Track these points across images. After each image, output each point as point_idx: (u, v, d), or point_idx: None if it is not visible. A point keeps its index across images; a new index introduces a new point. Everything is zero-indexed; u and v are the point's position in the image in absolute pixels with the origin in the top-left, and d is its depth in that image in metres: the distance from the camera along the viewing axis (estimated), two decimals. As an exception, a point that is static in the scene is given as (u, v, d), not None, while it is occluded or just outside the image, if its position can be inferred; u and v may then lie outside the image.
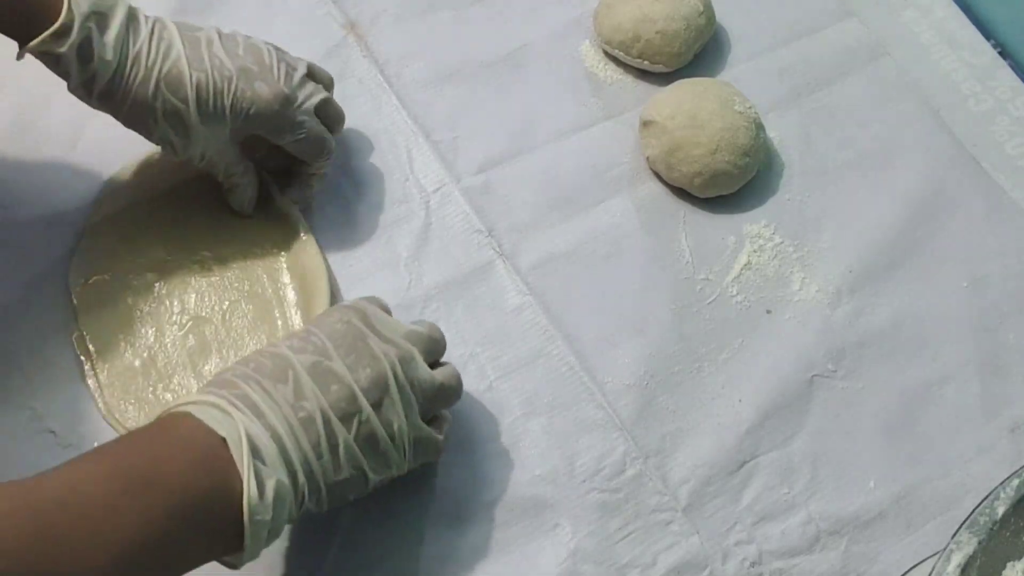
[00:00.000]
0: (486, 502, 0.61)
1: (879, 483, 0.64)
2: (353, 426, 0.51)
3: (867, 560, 0.62)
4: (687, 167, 0.70)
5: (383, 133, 0.73)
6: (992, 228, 0.73)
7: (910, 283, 0.70)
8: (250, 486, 0.47)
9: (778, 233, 0.71)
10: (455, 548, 0.60)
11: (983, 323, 0.69)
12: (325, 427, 0.50)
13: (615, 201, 0.72)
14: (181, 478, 0.46)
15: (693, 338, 0.67)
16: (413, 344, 0.55)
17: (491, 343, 0.66)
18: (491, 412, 0.64)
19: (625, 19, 0.75)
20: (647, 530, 0.61)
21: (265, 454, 0.48)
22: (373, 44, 0.77)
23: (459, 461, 0.62)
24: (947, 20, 0.82)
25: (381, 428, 0.52)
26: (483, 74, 0.76)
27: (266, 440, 0.48)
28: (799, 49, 0.79)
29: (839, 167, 0.74)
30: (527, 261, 0.69)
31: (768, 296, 0.69)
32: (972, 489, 0.63)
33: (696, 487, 0.62)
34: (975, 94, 0.79)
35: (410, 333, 0.55)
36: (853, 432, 0.65)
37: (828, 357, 0.67)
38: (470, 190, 0.71)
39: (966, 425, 0.66)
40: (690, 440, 0.64)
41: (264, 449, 0.48)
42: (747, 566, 0.61)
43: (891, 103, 0.77)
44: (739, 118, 0.70)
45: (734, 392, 0.65)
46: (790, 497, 0.63)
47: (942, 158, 0.75)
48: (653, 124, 0.71)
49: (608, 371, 0.65)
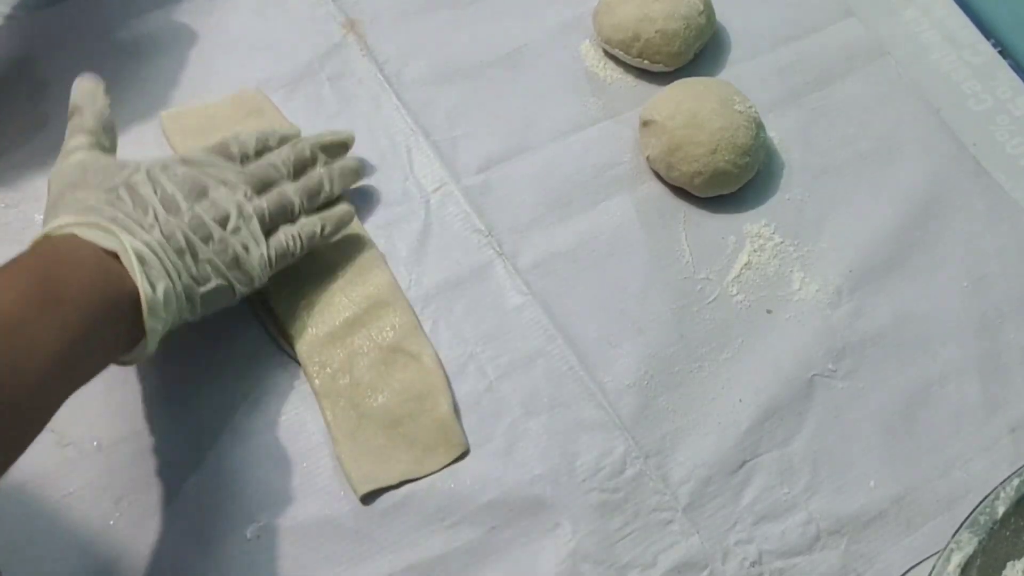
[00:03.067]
0: (486, 502, 0.61)
1: (879, 483, 0.64)
2: (210, 244, 0.58)
3: (867, 560, 0.62)
4: (687, 166, 0.70)
5: (383, 133, 0.73)
6: (992, 228, 0.73)
7: (910, 283, 0.70)
8: (144, 287, 0.53)
9: (778, 233, 0.71)
10: (454, 548, 0.60)
11: (983, 323, 0.69)
12: (188, 245, 0.57)
13: (615, 201, 0.72)
14: (86, 290, 0.51)
15: (693, 338, 0.67)
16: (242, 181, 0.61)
17: (491, 343, 0.66)
18: (491, 412, 0.64)
19: (625, 18, 0.75)
20: (647, 530, 0.61)
21: (149, 263, 0.54)
22: (373, 43, 0.77)
23: (459, 460, 0.62)
24: (947, 20, 0.82)
25: (237, 245, 0.59)
26: (483, 74, 0.76)
27: (147, 252, 0.55)
28: (799, 49, 0.79)
29: (839, 167, 0.74)
30: (527, 261, 0.69)
31: (768, 296, 0.69)
32: (972, 489, 0.63)
33: (696, 487, 0.62)
34: (975, 94, 0.79)
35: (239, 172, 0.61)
36: (853, 432, 0.65)
37: (828, 357, 0.67)
38: (470, 190, 0.71)
39: (966, 425, 0.66)
40: (690, 440, 0.64)
41: (147, 259, 0.55)
42: (747, 566, 0.61)
43: (891, 103, 0.78)
44: (739, 117, 0.70)
45: (734, 392, 0.65)
46: (790, 497, 0.63)
47: (942, 158, 0.75)
48: (653, 123, 0.71)
49: (608, 371, 0.65)
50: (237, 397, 0.63)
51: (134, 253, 0.54)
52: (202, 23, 0.76)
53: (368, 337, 0.64)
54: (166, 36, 0.75)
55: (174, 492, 0.60)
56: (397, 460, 0.61)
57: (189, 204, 0.58)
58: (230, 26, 0.76)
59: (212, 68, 0.74)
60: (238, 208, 0.60)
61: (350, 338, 0.64)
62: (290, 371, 0.64)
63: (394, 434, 0.62)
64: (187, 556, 0.58)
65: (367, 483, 0.60)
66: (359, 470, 0.60)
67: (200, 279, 0.57)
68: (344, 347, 0.64)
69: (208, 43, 0.75)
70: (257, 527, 0.59)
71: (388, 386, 0.63)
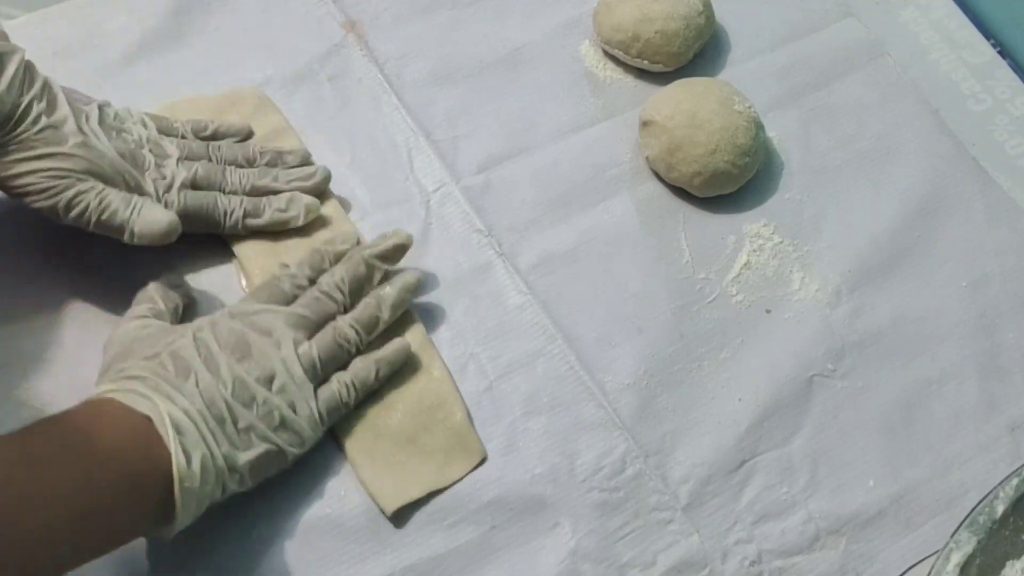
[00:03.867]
0: (486, 501, 0.61)
1: (878, 482, 0.64)
2: (254, 410, 0.56)
3: (866, 559, 0.62)
4: (687, 167, 0.70)
5: (383, 133, 0.73)
6: (992, 228, 0.73)
7: (910, 283, 0.70)
8: (178, 455, 0.51)
9: (778, 232, 0.71)
10: (454, 547, 0.60)
11: (982, 323, 0.69)
12: (229, 412, 0.55)
13: (615, 201, 0.72)
14: (112, 453, 0.50)
15: (693, 337, 0.67)
16: (290, 327, 0.59)
17: (491, 343, 0.66)
18: (491, 412, 0.64)
19: (625, 19, 0.75)
20: (647, 529, 0.61)
21: (186, 431, 0.52)
22: (373, 44, 0.77)
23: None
24: (946, 19, 0.82)
25: (284, 406, 0.57)
26: (483, 74, 0.76)
27: (184, 420, 0.53)
28: (799, 49, 0.79)
29: (839, 166, 0.75)
30: (527, 261, 0.69)
31: (768, 295, 0.69)
32: (971, 488, 0.63)
33: (696, 486, 0.63)
34: (975, 94, 0.79)
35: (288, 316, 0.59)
36: (853, 431, 0.65)
37: (828, 356, 0.67)
38: (470, 190, 0.71)
39: (966, 424, 0.66)
40: (690, 439, 0.64)
41: (184, 427, 0.52)
42: (747, 565, 0.61)
43: (891, 103, 0.78)
44: (738, 118, 0.70)
45: (734, 391, 0.66)
46: (790, 496, 0.63)
47: (942, 158, 0.75)
48: (653, 124, 0.71)
49: (608, 370, 0.66)
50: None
51: (171, 421, 0.52)
52: (202, 23, 0.76)
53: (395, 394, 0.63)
54: (166, 36, 0.75)
55: (175, 492, 0.60)
56: (420, 473, 0.61)
57: (231, 366, 0.56)
58: (230, 26, 0.76)
59: (212, 68, 0.74)
60: (285, 365, 0.57)
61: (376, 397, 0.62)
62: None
63: (412, 448, 0.61)
64: (188, 556, 0.58)
65: (395, 501, 0.60)
66: (384, 490, 0.60)
67: (243, 445, 0.55)
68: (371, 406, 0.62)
69: (208, 43, 0.75)
70: (257, 527, 0.59)
71: (400, 400, 0.62)
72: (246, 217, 0.65)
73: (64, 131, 0.59)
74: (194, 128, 0.68)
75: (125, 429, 0.52)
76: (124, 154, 0.62)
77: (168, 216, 0.61)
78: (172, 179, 0.63)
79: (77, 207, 0.59)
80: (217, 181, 0.65)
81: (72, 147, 0.59)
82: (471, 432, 0.62)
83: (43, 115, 0.59)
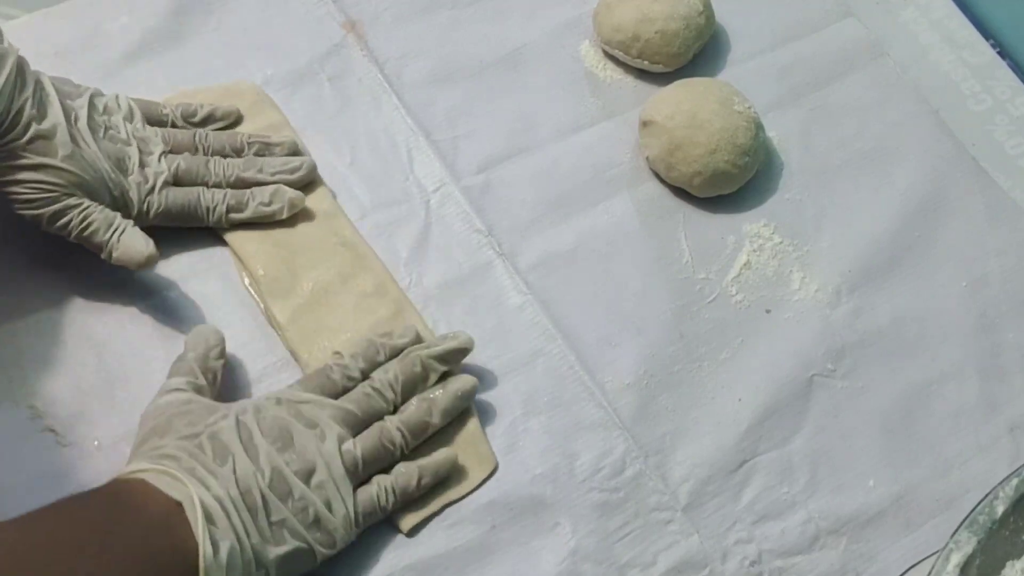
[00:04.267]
0: (486, 501, 0.61)
1: (878, 482, 0.64)
2: (289, 503, 0.54)
3: (866, 559, 0.62)
4: (687, 167, 0.70)
5: (383, 133, 0.73)
6: (992, 228, 0.73)
7: (909, 283, 0.70)
8: (205, 545, 0.49)
9: (778, 233, 0.71)
10: (454, 547, 0.60)
11: (982, 323, 0.69)
12: (264, 503, 0.53)
13: (615, 201, 0.72)
14: (138, 539, 0.49)
15: (693, 337, 0.67)
16: (336, 422, 0.57)
17: (491, 343, 0.66)
18: (491, 412, 0.64)
19: (625, 19, 0.75)
20: (647, 529, 0.61)
21: (217, 519, 0.51)
22: (373, 44, 0.77)
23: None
24: (946, 20, 0.82)
25: (319, 503, 0.55)
26: (483, 74, 0.76)
27: (216, 507, 0.51)
28: (799, 49, 0.79)
29: (839, 167, 0.75)
30: (527, 261, 0.69)
31: (768, 296, 0.69)
32: (971, 488, 0.63)
33: (696, 486, 0.63)
34: (974, 94, 0.79)
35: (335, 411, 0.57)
36: (852, 431, 0.65)
37: (827, 357, 0.67)
38: (470, 190, 0.71)
39: (965, 425, 0.66)
40: (690, 439, 0.64)
41: (215, 515, 0.51)
42: (747, 565, 0.61)
43: (891, 103, 0.78)
44: (738, 118, 0.70)
45: (734, 391, 0.66)
46: (790, 496, 0.63)
47: (941, 158, 0.75)
48: (653, 124, 0.71)
49: (608, 370, 0.66)
50: (237, 396, 0.62)
51: (202, 508, 0.50)
52: (202, 23, 0.76)
53: None
54: (166, 36, 0.75)
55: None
56: (435, 489, 0.60)
57: (271, 455, 0.54)
58: (230, 26, 0.76)
59: (212, 68, 0.74)
60: (326, 460, 0.55)
61: None
62: (292, 368, 0.64)
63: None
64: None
65: (412, 519, 0.59)
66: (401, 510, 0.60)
67: (274, 540, 0.53)
68: None
69: (208, 43, 0.75)
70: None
71: None
72: (229, 212, 0.65)
73: (55, 142, 0.59)
74: (184, 113, 0.68)
75: (154, 513, 0.50)
76: (110, 156, 0.62)
77: (147, 248, 0.61)
78: (155, 180, 0.63)
79: (60, 221, 0.60)
80: (200, 174, 0.65)
81: (62, 159, 0.59)
82: (484, 442, 0.62)
83: (33, 122, 0.58)
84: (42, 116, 0.59)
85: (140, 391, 0.62)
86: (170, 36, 0.75)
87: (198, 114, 0.68)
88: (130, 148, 0.63)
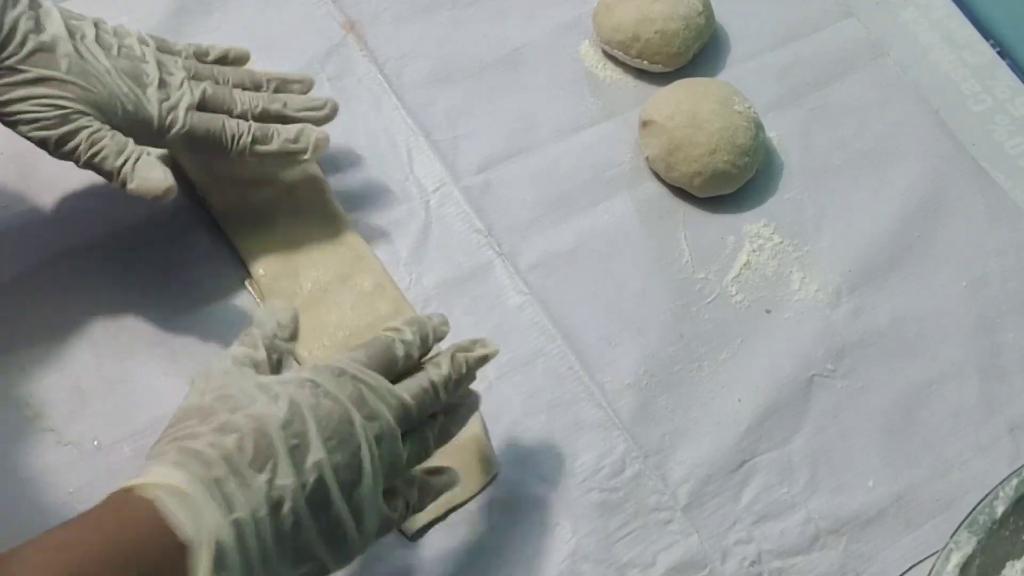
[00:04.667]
0: (486, 501, 0.61)
1: (878, 482, 0.64)
2: (322, 519, 0.46)
3: (866, 559, 0.62)
4: (686, 167, 0.70)
5: (383, 133, 0.73)
6: (992, 228, 0.73)
7: (910, 283, 0.70)
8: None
9: (777, 233, 0.71)
10: (454, 548, 0.60)
11: (982, 323, 0.69)
12: (294, 523, 0.45)
13: (615, 201, 0.72)
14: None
15: (692, 338, 0.67)
16: (397, 421, 0.50)
17: (491, 343, 0.66)
18: (491, 412, 0.64)
19: (624, 19, 0.75)
20: (647, 529, 0.61)
21: (229, 562, 0.43)
22: (373, 44, 0.77)
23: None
24: (946, 20, 0.82)
25: (350, 519, 0.47)
26: (483, 74, 0.76)
27: (231, 544, 0.43)
28: (799, 49, 0.79)
29: (838, 167, 0.75)
30: (527, 261, 0.69)
31: (767, 296, 0.69)
32: (971, 488, 0.63)
33: (695, 486, 0.63)
34: (974, 94, 0.79)
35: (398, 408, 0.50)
36: (852, 432, 0.65)
37: (827, 357, 0.67)
38: (470, 190, 0.71)
39: (965, 425, 0.66)
40: (689, 439, 0.64)
41: (228, 557, 0.43)
42: (746, 565, 0.61)
43: (891, 103, 0.78)
44: (738, 118, 0.70)
45: (733, 392, 0.66)
46: (789, 496, 0.63)
47: (941, 158, 0.75)
48: (652, 124, 0.71)
49: (608, 371, 0.66)
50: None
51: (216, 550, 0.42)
52: (202, 23, 0.76)
53: None
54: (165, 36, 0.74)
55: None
56: None
57: (320, 460, 0.46)
58: (230, 26, 0.76)
59: (212, 68, 0.74)
60: (374, 469, 0.48)
61: None
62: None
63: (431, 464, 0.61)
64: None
65: (415, 522, 0.59)
66: None
67: (291, 561, 0.46)
68: None
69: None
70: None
71: None
72: (254, 143, 0.62)
73: (57, 54, 0.55)
74: (196, 51, 0.65)
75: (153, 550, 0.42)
76: (124, 71, 0.58)
77: (165, 179, 0.57)
78: (179, 99, 0.60)
79: (67, 144, 0.56)
80: (226, 103, 0.62)
81: (66, 72, 0.55)
82: (488, 446, 0.62)
83: (31, 34, 0.55)
84: (40, 29, 0.55)
85: (140, 391, 0.62)
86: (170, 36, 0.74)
87: (210, 54, 0.65)
88: (147, 65, 0.60)
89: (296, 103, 0.65)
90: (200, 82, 0.62)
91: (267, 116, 0.64)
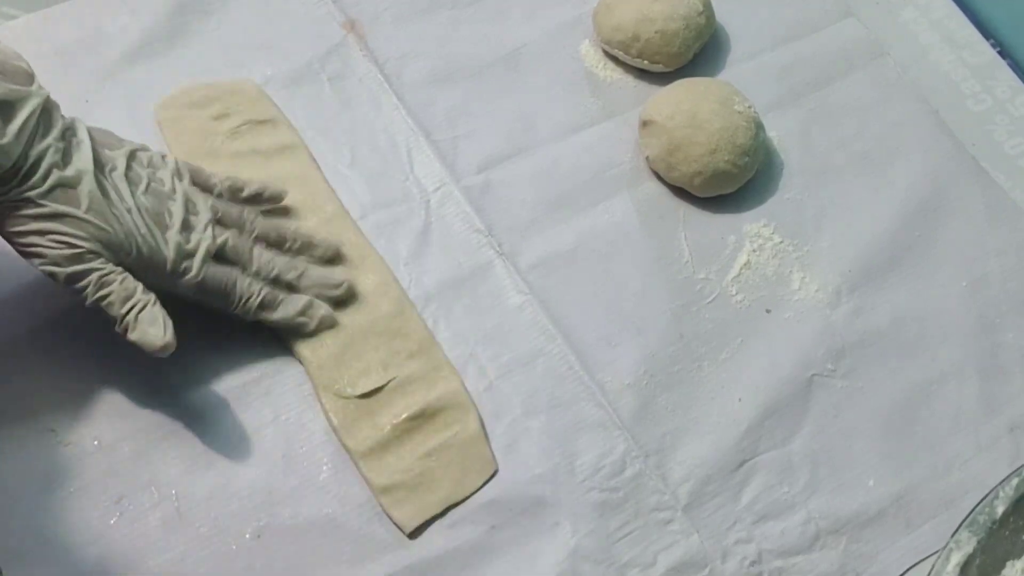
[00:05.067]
0: (485, 501, 0.61)
1: (879, 482, 0.64)
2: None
3: (866, 559, 0.62)
4: (687, 167, 0.70)
5: (383, 133, 0.73)
6: (992, 228, 0.73)
7: (909, 283, 0.70)
8: None
9: (778, 232, 0.71)
10: (454, 547, 0.60)
11: (982, 323, 0.69)
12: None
13: (615, 201, 0.72)
14: None
15: (693, 337, 0.67)
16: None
17: (491, 343, 0.66)
18: (491, 411, 0.64)
19: (624, 19, 0.75)
20: (647, 529, 0.61)
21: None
22: (373, 44, 0.77)
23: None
24: (946, 20, 0.82)
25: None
26: (483, 74, 0.76)
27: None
28: (799, 49, 0.79)
29: (839, 167, 0.75)
30: (527, 261, 0.69)
31: (768, 295, 0.69)
32: (971, 488, 0.63)
33: (696, 486, 0.63)
34: (974, 94, 0.79)
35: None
36: (852, 431, 0.65)
37: (828, 356, 0.67)
38: (470, 190, 0.71)
39: (965, 424, 0.66)
40: (690, 439, 0.64)
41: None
42: (747, 565, 0.61)
43: (891, 103, 0.78)
44: (738, 118, 0.70)
45: (734, 391, 0.66)
46: (790, 496, 0.63)
47: (942, 158, 0.75)
48: (653, 124, 0.71)
49: (608, 370, 0.66)
50: (237, 394, 0.63)
51: None
52: (202, 23, 0.76)
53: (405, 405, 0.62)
54: (166, 36, 0.75)
55: (174, 492, 0.60)
56: (436, 490, 0.60)
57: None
58: (230, 26, 0.76)
59: (212, 68, 0.74)
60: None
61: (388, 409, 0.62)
62: (291, 370, 0.64)
63: (428, 462, 0.61)
64: (187, 556, 0.58)
65: (413, 519, 0.60)
66: (402, 511, 0.60)
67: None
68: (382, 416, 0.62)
69: (208, 43, 0.75)
70: (257, 527, 0.59)
71: (414, 410, 0.62)
72: (261, 308, 0.62)
73: (79, 190, 0.55)
74: (232, 187, 0.64)
75: None
76: (148, 210, 0.58)
77: (164, 336, 0.57)
78: (197, 245, 0.60)
79: (76, 283, 0.56)
80: (244, 259, 0.62)
81: (86, 210, 0.55)
82: (485, 444, 0.62)
83: (55, 168, 0.55)
84: (66, 163, 0.55)
85: (140, 391, 0.62)
86: (170, 36, 0.75)
87: (245, 190, 0.64)
88: (174, 204, 0.60)
89: (311, 278, 0.64)
90: (224, 230, 0.61)
91: (279, 283, 0.63)
